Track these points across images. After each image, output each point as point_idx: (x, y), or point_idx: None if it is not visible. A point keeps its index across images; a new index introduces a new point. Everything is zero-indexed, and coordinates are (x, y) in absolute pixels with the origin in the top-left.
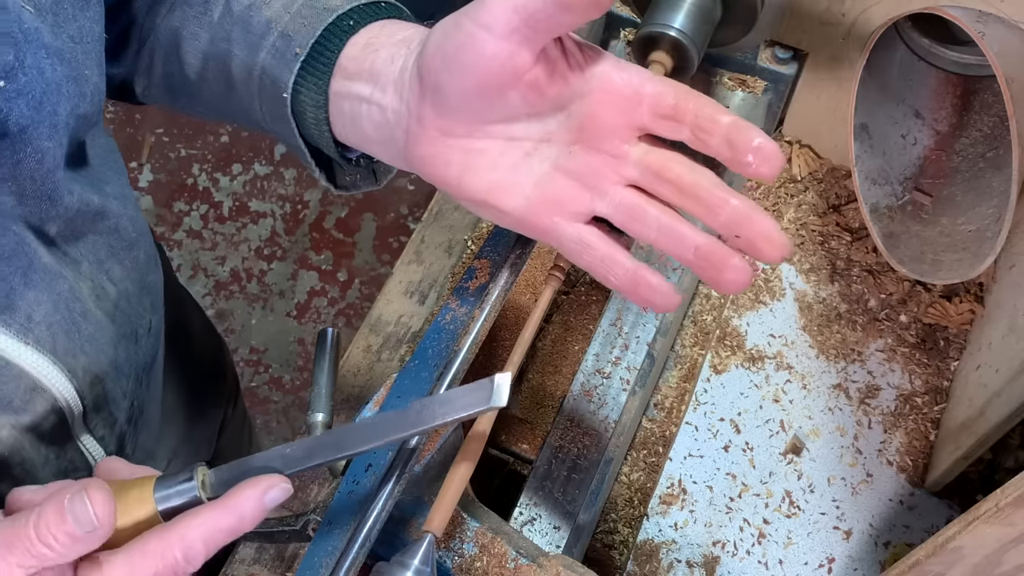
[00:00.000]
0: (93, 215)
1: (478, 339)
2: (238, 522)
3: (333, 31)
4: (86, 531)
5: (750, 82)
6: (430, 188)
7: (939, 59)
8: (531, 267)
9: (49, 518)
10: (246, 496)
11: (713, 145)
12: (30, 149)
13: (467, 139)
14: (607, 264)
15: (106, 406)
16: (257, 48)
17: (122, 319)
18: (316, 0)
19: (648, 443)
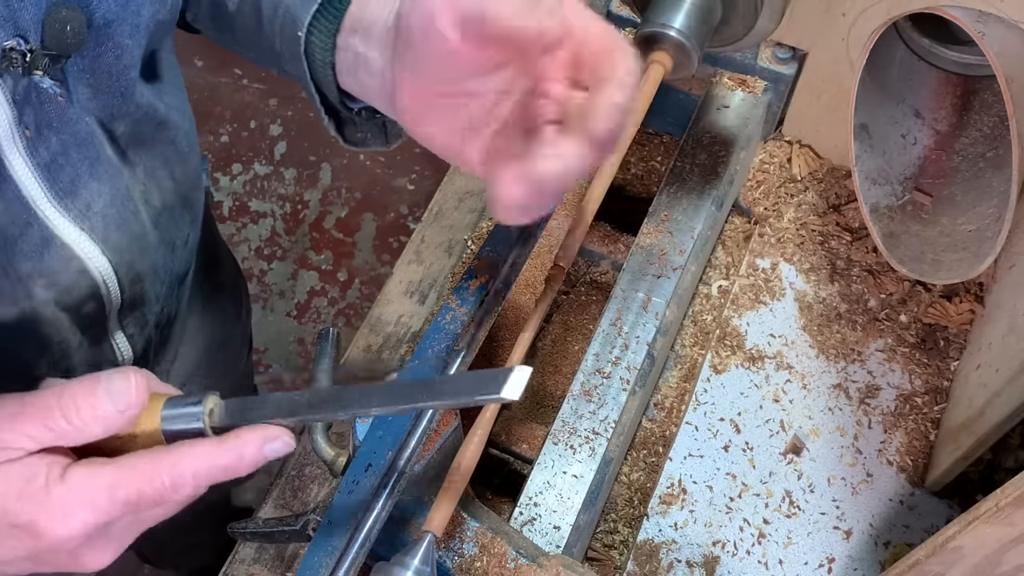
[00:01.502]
0: (157, 123)
1: (478, 339)
2: (235, 462)
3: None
4: (117, 409)
5: (750, 82)
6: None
7: (939, 59)
8: (531, 267)
9: (76, 393)
10: (247, 440)
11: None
12: (111, 44)
13: (440, 97)
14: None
15: (140, 305)
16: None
17: (164, 226)
18: None
19: (648, 443)
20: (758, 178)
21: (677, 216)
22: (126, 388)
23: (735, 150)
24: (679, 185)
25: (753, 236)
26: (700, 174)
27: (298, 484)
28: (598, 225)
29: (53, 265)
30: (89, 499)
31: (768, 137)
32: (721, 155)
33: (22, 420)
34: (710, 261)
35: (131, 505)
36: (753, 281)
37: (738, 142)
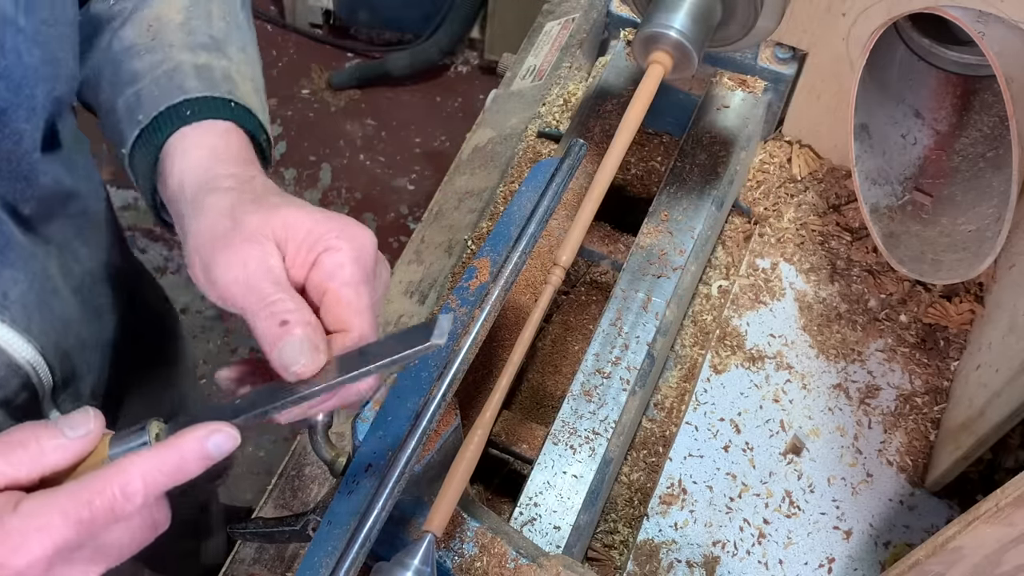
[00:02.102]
0: (65, 196)
1: (478, 339)
2: (179, 461)
3: (173, 114)
4: (75, 434)
5: (750, 82)
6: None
7: (939, 59)
8: (531, 267)
9: (35, 426)
10: (188, 438)
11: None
12: (8, 131)
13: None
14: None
15: (74, 381)
16: (118, 94)
17: (87, 297)
18: (176, 73)
19: (648, 443)
20: (758, 178)
21: (677, 216)
22: (83, 416)
23: (735, 150)
24: (679, 185)
25: (753, 236)
26: (700, 174)
27: (298, 484)
28: (598, 225)
29: None
30: (44, 524)
31: (768, 137)
32: (721, 155)
33: None
34: (710, 261)
35: (86, 523)
36: (753, 281)
37: (738, 142)
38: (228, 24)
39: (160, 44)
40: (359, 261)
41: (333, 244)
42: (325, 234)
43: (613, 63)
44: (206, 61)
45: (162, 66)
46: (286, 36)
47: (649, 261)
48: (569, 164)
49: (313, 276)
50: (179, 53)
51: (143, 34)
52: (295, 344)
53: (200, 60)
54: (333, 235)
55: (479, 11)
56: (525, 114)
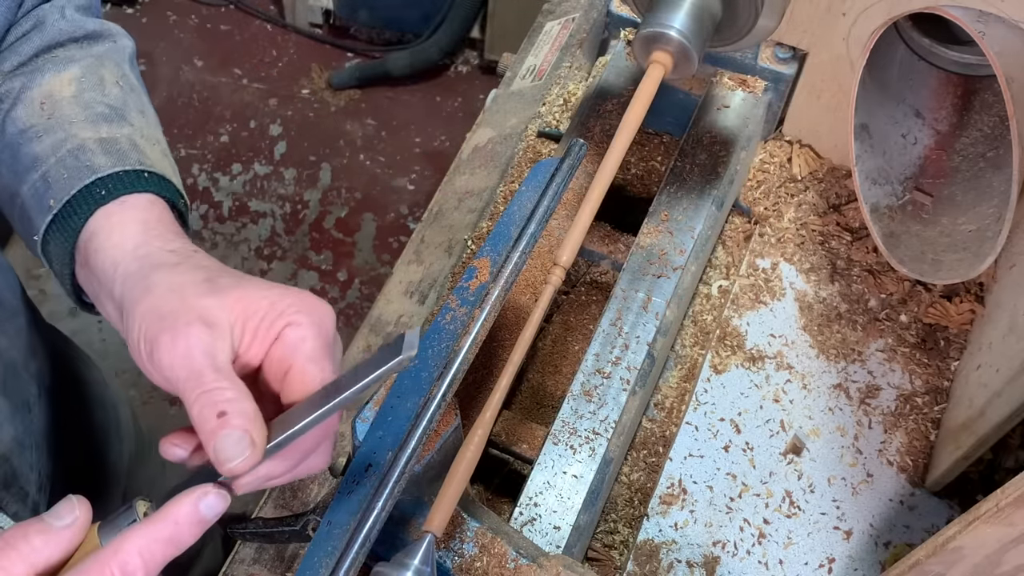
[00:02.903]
0: None
1: (478, 339)
2: (174, 530)
3: (86, 196)
4: (63, 523)
5: (750, 82)
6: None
7: (939, 59)
8: (531, 267)
9: (22, 526)
10: (180, 504)
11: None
12: None
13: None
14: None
15: (15, 482)
16: (21, 180)
17: (12, 391)
18: (82, 152)
19: (648, 443)
20: (758, 178)
21: (677, 216)
22: (67, 505)
23: (735, 150)
24: (679, 185)
25: (753, 236)
26: (700, 174)
27: (298, 484)
28: (598, 225)
29: None
30: None
31: (768, 137)
32: (721, 155)
33: None
34: (710, 261)
35: None
36: (753, 281)
37: (738, 142)
38: (122, 88)
39: (58, 123)
40: (320, 335)
41: (294, 319)
42: (285, 309)
43: (613, 63)
44: (108, 133)
45: (64, 146)
46: (286, 36)
47: (649, 261)
48: (569, 164)
49: (275, 351)
50: (80, 130)
51: (37, 114)
52: (232, 438)
53: (102, 133)
54: (293, 309)
55: (479, 11)
56: (525, 114)
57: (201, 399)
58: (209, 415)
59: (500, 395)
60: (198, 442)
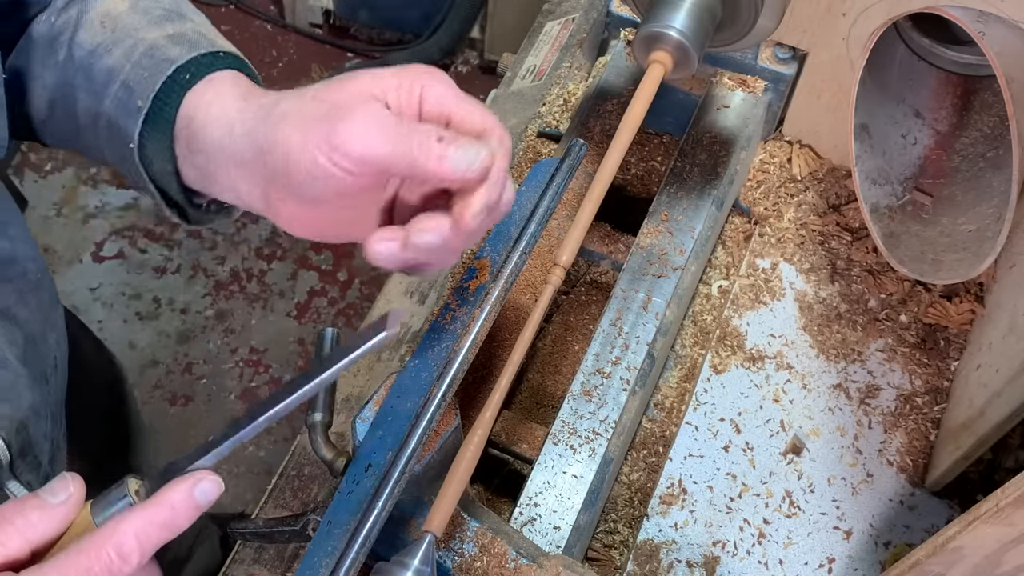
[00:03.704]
0: (4, 262)
1: (478, 339)
2: (170, 515)
3: (171, 85)
4: (58, 500)
5: (750, 82)
6: None
7: (939, 59)
8: (531, 267)
9: (18, 501)
10: (175, 490)
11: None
12: None
13: (321, 208)
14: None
15: (30, 450)
16: (101, 96)
17: (32, 361)
18: (156, 49)
19: (648, 443)
20: (758, 178)
21: (677, 216)
22: (62, 482)
23: (735, 150)
24: (679, 185)
25: (753, 236)
26: (700, 174)
27: (298, 484)
28: (598, 225)
29: None
30: None
31: (768, 137)
32: (721, 155)
33: None
34: (710, 261)
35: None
36: (753, 281)
37: (738, 142)
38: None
39: (123, 34)
40: (450, 82)
41: (425, 81)
42: (413, 79)
43: (613, 63)
44: (174, 30)
45: (136, 50)
46: (286, 36)
47: (649, 261)
48: (569, 164)
49: (426, 110)
50: (147, 33)
51: (100, 32)
52: (463, 150)
53: (168, 31)
54: (419, 76)
55: (479, 11)
56: (525, 114)
57: (416, 135)
58: (430, 141)
59: (500, 395)
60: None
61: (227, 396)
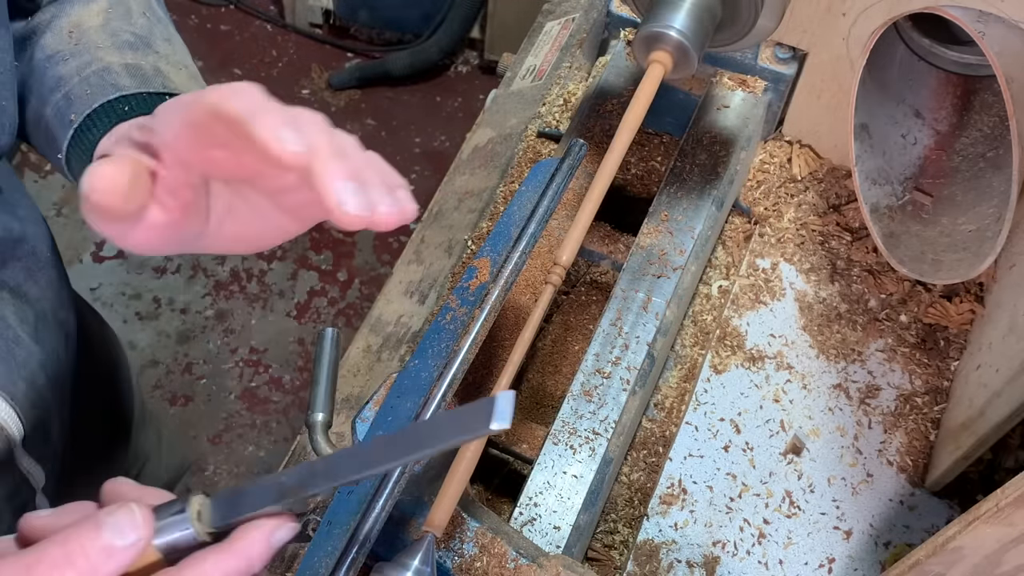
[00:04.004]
0: (14, 242)
1: (478, 339)
2: (247, 566)
3: (108, 111)
4: (126, 543)
5: (750, 82)
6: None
7: (939, 59)
8: (531, 267)
9: (80, 537)
10: (253, 539)
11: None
12: None
13: (217, 241)
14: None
15: (42, 426)
16: (45, 101)
17: (44, 339)
18: (107, 72)
19: (648, 443)
20: (758, 178)
21: (677, 216)
22: (131, 518)
23: (735, 150)
24: (679, 185)
25: (753, 236)
26: (700, 174)
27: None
28: (598, 225)
29: None
30: None
31: (768, 137)
32: (721, 155)
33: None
34: (710, 261)
35: None
36: (753, 281)
37: (738, 142)
38: (149, 20)
39: (84, 48)
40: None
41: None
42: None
43: (613, 63)
44: (134, 60)
45: (90, 67)
46: (286, 36)
47: (649, 261)
48: (569, 164)
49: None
50: (106, 54)
51: (64, 41)
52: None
53: (128, 59)
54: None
55: (479, 11)
56: (525, 114)
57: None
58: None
59: None
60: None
61: (227, 396)
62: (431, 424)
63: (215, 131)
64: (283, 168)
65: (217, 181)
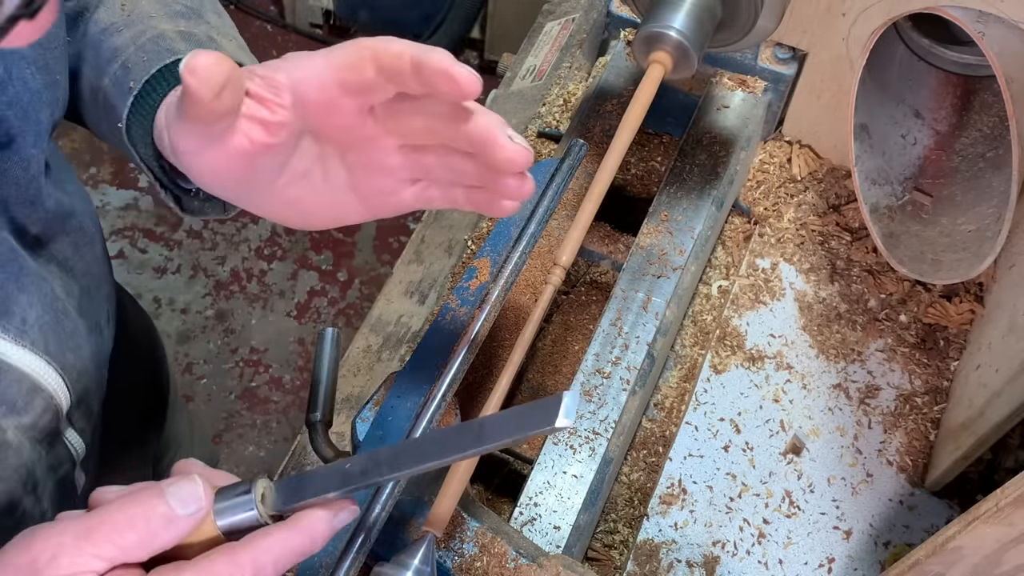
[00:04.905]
0: (65, 215)
1: (478, 339)
2: (309, 544)
3: (165, 75)
4: (187, 512)
5: (750, 82)
6: None
7: (939, 59)
8: (531, 267)
9: (143, 502)
10: (318, 518)
11: (412, 86)
12: (17, 158)
13: (274, 199)
14: (452, 201)
15: (86, 399)
16: (102, 73)
17: (87, 312)
18: (162, 39)
19: (648, 443)
20: (758, 178)
21: (677, 216)
22: (193, 489)
23: (735, 150)
24: (679, 185)
25: (753, 236)
26: (700, 174)
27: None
28: (598, 225)
29: (6, 392)
30: None
31: (768, 137)
32: (721, 155)
33: (90, 540)
34: (710, 261)
35: None
36: (753, 281)
37: (738, 142)
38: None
39: (137, 18)
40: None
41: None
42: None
43: (613, 63)
44: (187, 28)
45: (144, 35)
46: (286, 36)
47: (649, 261)
48: (569, 164)
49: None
50: (159, 23)
51: (117, 13)
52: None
53: (181, 27)
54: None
55: (479, 11)
56: (525, 114)
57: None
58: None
59: (500, 395)
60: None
61: (227, 396)
62: (497, 419)
63: (363, 76)
64: (452, 95)
65: (309, 141)
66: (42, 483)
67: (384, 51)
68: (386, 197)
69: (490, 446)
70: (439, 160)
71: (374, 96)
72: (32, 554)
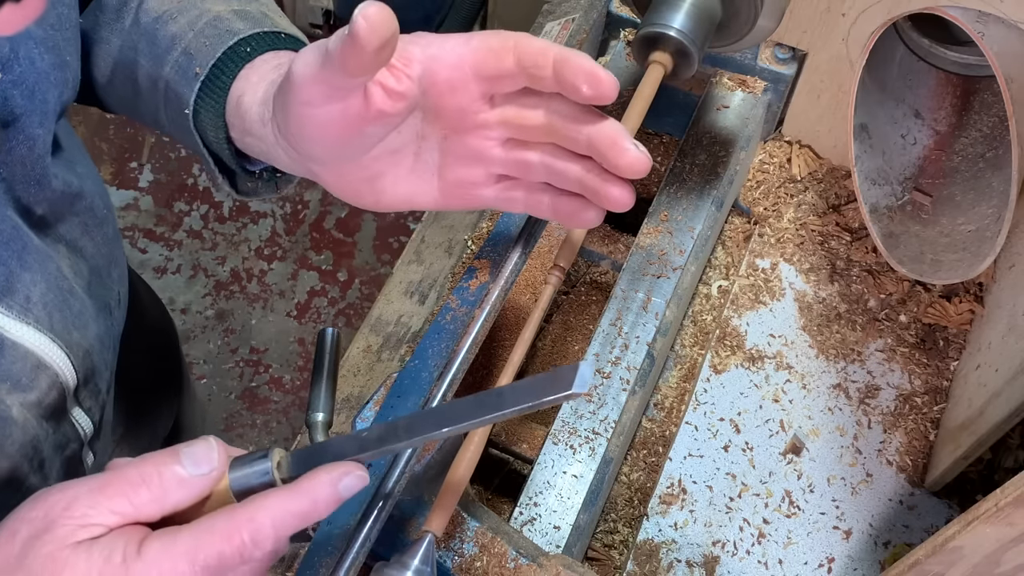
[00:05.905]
0: (73, 196)
1: (478, 339)
2: (311, 506)
3: (231, 56)
4: (200, 472)
5: (750, 82)
6: None
7: (939, 59)
8: (531, 267)
9: (158, 461)
10: (320, 480)
11: (547, 82)
12: (23, 136)
13: (358, 171)
14: (533, 206)
15: (93, 378)
16: (162, 62)
17: (96, 293)
18: (220, 21)
19: (648, 443)
20: (758, 178)
21: (677, 216)
22: (207, 450)
23: (735, 150)
24: (679, 185)
25: (753, 236)
26: (700, 174)
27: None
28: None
29: (11, 369)
30: (168, 569)
31: (768, 137)
32: (721, 155)
33: (106, 494)
34: (710, 261)
35: (211, 569)
36: (753, 281)
37: (738, 142)
38: None
39: (189, 4)
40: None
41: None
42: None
43: (613, 63)
44: (240, 7)
45: (201, 20)
46: None
47: (649, 261)
48: None
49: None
50: (212, 5)
51: (168, 1)
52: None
53: (234, 6)
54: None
55: (479, 11)
56: None
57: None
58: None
59: None
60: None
61: (227, 396)
62: (514, 388)
63: (502, 64)
64: (590, 97)
65: (415, 119)
66: (49, 461)
67: (528, 44)
68: (468, 189)
69: (508, 411)
70: (542, 159)
71: (503, 85)
72: (47, 506)
